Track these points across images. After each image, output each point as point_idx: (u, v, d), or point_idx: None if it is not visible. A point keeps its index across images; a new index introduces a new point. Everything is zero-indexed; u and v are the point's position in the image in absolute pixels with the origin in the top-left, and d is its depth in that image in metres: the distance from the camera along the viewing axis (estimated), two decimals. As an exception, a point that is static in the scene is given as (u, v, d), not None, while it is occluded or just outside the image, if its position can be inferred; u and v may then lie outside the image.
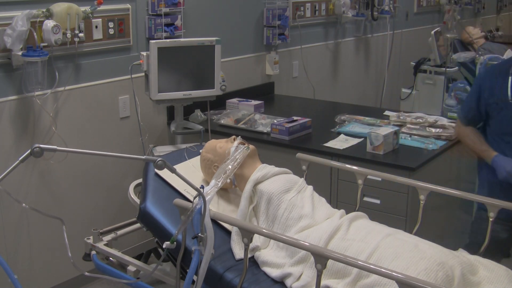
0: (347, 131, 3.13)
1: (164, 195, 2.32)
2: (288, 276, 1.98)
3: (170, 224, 2.18)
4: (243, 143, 2.32)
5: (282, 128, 3.05)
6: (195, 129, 3.13)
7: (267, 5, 4.01)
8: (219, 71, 3.09)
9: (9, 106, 2.72)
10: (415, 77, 4.87)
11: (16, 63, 2.67)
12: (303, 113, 3.32)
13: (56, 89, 2.87)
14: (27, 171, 2.82)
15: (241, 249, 2.11)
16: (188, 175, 1.76)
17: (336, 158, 2.84)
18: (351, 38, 5.02)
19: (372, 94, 5.47)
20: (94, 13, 2.88)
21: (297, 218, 2.11)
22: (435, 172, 2.87)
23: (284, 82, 4.32)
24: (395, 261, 1.79)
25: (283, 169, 2.34)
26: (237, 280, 1.97)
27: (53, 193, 2.95)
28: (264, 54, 4.11)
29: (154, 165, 1.59)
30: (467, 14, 6.70)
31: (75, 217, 3.03)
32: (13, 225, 2.81)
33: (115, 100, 3.17)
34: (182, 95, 3.03)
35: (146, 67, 2.93)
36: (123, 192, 2.77)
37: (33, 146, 1.61)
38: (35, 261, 2.92)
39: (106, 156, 1.76)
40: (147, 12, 3.26)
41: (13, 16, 2.59)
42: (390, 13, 5.21)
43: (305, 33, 4.37)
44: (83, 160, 3.02)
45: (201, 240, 1.88)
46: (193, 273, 1.91)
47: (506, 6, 7.68)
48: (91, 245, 2.52)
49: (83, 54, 2.97)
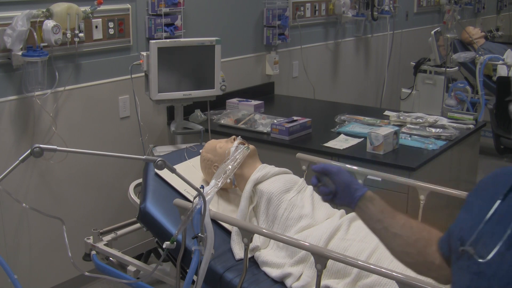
0: (347, 131, 3.13)
1: (164, 195, 2.32)
2: (288, 276, 1.98)
3: (170, 224, 2.18)
4: (243, 143, 2.32)
5: (282, 128, 3.05)
6: (195, 129, 3.13)
7: (267, 5, 4.01)
8: (219, 71, 3.09)
9: (9, 106, 2.72)
10: (415, 77, 4.87)
11: (16, 63, 2.67)
12: (303, 113, 3.32)
13: (56, 89, 2.87)
14: (27, 171, 2.82)
15: (241, 249, 2.11)
16: (188, 175, 1.76)
17: (336, 158, 2.84)
18: (351, 38, 5.02)
19: (372, 94, 5.47)
20: (94, 13, 2.87)
21: (297, 218, 2.11)
22: (435, 172, 2.87)
23: (284, 82, 4.32)
24: (395, 261, 1.78)
25: (283, 169, 2.34)
26: (237, 280, 1.97)
27: (53, 193, 2.95)
28: (264, 54, 4.10)
29: (154, 165, 1.59)
30: (467, 14, 6.70)
31: (75, 217, 3.03)
32: (13, 225, 2.81)
33: (115, 100, 3.17)
34: (182, 95, 3.03)
35: (146, 67, 2.93)
36: (123, 192, 2.77)
37: (33, 146, 1.61)
38: (35, 261, 2.92)
39: (106, 156, 1.76)
40: (147, 12, 3.26)
41: (13, 16, 2.59)
42: (390, 13, 5.21)
43: (305, 33, 4.37)
44: (83, 160, 3.02)
45: (201, 240, 1.88)
46: (193, 273, 1.91)
47: (506, 6, 7.68)
48: (91, 245, 2.52)
49: (83, 54, 2.97)
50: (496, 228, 1.12)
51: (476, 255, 1.11)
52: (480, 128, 3.36)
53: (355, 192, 1.40)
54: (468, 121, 3.29)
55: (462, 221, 1.24)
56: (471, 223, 1.17)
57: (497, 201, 1.14)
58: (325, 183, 1.44)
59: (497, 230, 1.11)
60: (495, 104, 4.40)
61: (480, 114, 4.42)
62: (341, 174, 1.43)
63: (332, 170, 1.43)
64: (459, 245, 1.17)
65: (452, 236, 1.24)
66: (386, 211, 1.38)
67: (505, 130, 4.29)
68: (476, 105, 4.90)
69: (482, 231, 1.13)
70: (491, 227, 1.13)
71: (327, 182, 1.43)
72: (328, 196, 1.44)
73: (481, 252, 1.11)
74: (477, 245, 1.12)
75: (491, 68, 5.02)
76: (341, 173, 1.43)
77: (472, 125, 3.23)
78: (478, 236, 1.13)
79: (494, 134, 4.34)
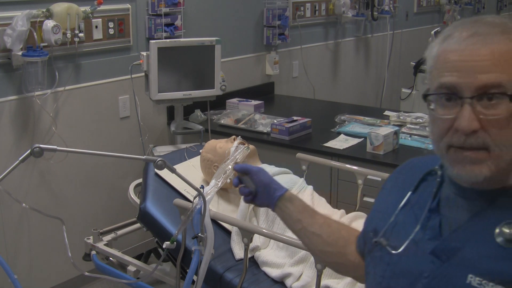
0: (347, 131, 3.13)
1: (164, 195, 2.32)
2: (288, 276, 1.98)
3: (170, 224, 2.18)
4: (243, 143, 2.32)
5: (282, 128, 3.05)
6: (195, 129, 3.13)
7: (267, 5, 4.01)
8: (219, 71, 3.09)
9: (9, 106, 2.72)
10: (415, 77, 4.86)
11: (16, 63, 2.67)
12: (303, 113, 3.32)
13: (56, 89, 2.86)
14: (27, 171, 2.82)
15: (241, 249, 2.11)
16: (188, 175, 1.76)
17: (336, 158, 2.84)
18: (351, 38, 5.02)
19: (372, 94, 5.47)
20: (94, 13, 2.87)
21: (297, 218, 2.11)
22: (435, 172, 2.87)
23: (284, 82, 4.32)
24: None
25: (283, 169, 2.34)
26: (237, 280, 1.97)
27: (53, 193, 2.95)
28: (264, 54, 4.10)
29: (154, 165, 1.59)
30: (467, 14, 6.69)
31: (75, 217, 3.03)
32: (13, 225, 2.81)
33: (115, 100, 3.17)
34: (182, 95, 3.03)
35: (146, 67, 2.93)
36: (123, 192, 2.77)
37: (33, 146, 1.61)
38: (35, 261, 2.92)
39: (106, 156, 1.76)
40: (147, 12, 3.26)
41: (13, 16, 2.59)
42: (390, 13, 5.21)
43: (305, 33, 4.37)
44: (83, 160, 3.02)
45: (201, 240, 1.88)
46: (193, 273, 1.91)
47: (506, 6, 7.68)
48: (91, 245, 2.52)
49: (83, 54, 2.97)
50: (407, 219, 1.12)
51: (389, 246, 1.11)
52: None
53: (275, 192, 1.37)
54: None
55: (375, 213, 1.24)
56: (383, 215, 1.17)
57: (409, 193, 1.15)
58: (246, 183, 1.40)
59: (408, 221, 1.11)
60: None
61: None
62: (261, 174, 1.40)
63: (252, 169, 1.40)
64: (372, 237, 1.17)
65: (367, 229, 1.24)
66: (305, 211, 1.36)
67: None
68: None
69: (394, 223, 1.14)
70: (402, 218, 1.14)
71: (248, 182, 1.40)
72: (248, 196, 1.40)
73: (393, 243, 1.11)
74: (390, 236, 1.13)
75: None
76: (261, 173, 1.40)
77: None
78: (390, 228, 1.14)
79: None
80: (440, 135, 1.01)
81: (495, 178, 0.99)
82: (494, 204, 1.01)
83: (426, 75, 1.05)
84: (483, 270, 0.97)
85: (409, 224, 1.10)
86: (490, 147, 0.97)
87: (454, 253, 1.01)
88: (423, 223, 1.08)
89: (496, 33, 0.97)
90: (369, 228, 1.22)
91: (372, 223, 1.22)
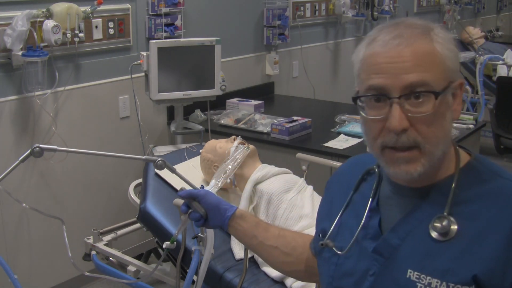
0: (347, 131, 3.13)
1: (164, 195, 2.32)
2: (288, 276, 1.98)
3: (170, 224, 2.18)
4: (243, 143, 2.32)
5: (282, 128, 3.05)
6: (195, 129, 3.13)
7: (267, 5, 4.01)
8: (219, 71, 3.09)
9: (9, 106, 2.72)
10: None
11: (16, 63, 2.67)
12: (303, 113, 3.32)
13: (56, 89, 2.87)
14: (27, 171, 2.82)
15: (241, 249, 2.11)
16: (188, 175, 1.76)
17: (336, 158, 2.84)
18: (351, 38, 5.02)
19: (372, 94, 5.47)
20: (94, 13, 2.87)
21: (297, 218, 2.11)
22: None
23: (284, 82, 4.32)
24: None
25: (283, 169, 2.34)
26: (237, 280, 1.97)
27: (53, 193, 2.95)
28: (264, 54, 4.10)
29: (154, 165, 1.60)
30: (467, 14, 6.70)
31: (75, 217, 3.03)
32: (13, 225, 2.81)
33: (115, 100, 3.17)
34: (182, 95, 3.03)
35: (146, 67, 2.93)
36: (123, 192, 2.77)
37: (33, 146, 1.61)
38: (35, 261, 2.92)
39: (106, 156, 1.76)
40: (147, 12, 3.26)
41: (13, 16, 2.59)
42: (390, 13, 5.20)
43: (305, 33, 4.37)
44: (83, 160, 3.02)
45: (201, 240, 1.88)
46: (193, 273, 1.91)
47: (506, 6, 7.68)
48: (91, 245, 2.52)
49: (83, 54, 2.97)
50: (350, 220, 1.15)
51: (335, 247, 1.14)
52: (480, 128, 3.35)
53: (225, 212, 1.37)
54: (468, 121, 3.28)
55: (322, 214, 1.27)
56: (330, 217, 1.20)
57: (351, 192, 1.18)
58: (195, 208, 1.38)
59: (352, 222, 1.14)
60: (495, 104, 4.41)
61: (480, 114, 4.42)
62: (208, 196, 1.39)
63: (199, 193, 1.39)
64: (321, 238, 1.19)
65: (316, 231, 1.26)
66: (259, 226, 1.37)
67: (505, 130, 4.29)
68: (476, 105, 4.90)
69: (339, 223, 1.17)
70: (346, 219, 1.17)
71: (197, 207, 1.38)
72: (200, 221, 1.39)
73: (339, 244, 1.14)
74: (336, 237, 1.16)
75: (491, 68, 5.02)
76: (208, 195, 1.39)
77: (472, 125, 3.23)
78: (336, 229, 1.17)
79: (494, 134, 4.34)
80: (374, 136, 1.04)
81: (428, 174, 1.03)
82: (426, 200, 1.05)
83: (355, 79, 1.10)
84: (420, 265, 1.01)
85: (352, 225, 1.14)
86: (420, 144, 1.00)
87: (394, 250, 1.05)
88: (365, 223, 1.11)
89: (418, 34, 1.02)
90: (318, 229, 1.24)
91: (320, 225, 1.25)
